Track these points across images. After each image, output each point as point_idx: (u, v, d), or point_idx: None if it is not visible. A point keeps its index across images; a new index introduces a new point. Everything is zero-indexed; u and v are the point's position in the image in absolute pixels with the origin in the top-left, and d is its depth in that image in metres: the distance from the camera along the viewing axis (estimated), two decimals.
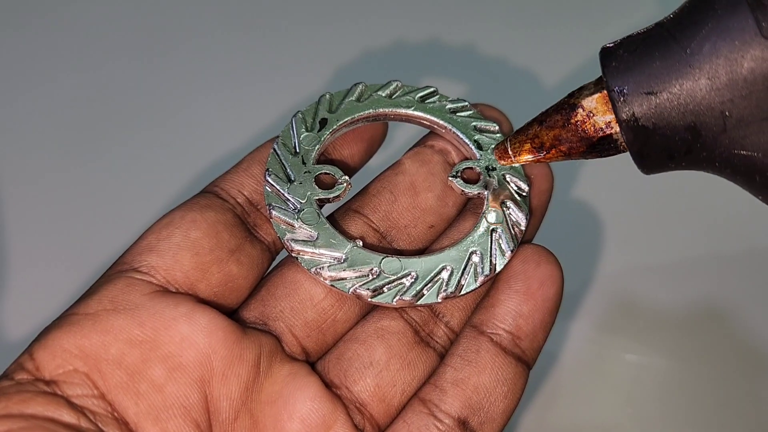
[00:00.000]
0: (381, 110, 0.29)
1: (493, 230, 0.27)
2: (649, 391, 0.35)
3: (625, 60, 0.22)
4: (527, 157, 0.25)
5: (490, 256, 0.26)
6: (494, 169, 0.28)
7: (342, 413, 0.25)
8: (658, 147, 0.22)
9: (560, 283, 0.26)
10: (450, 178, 0.28)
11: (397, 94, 0.29)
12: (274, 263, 0.27)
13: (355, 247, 0.26)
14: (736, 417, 0.35)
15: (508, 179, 0.28)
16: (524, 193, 0.28)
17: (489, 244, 0.26)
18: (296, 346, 0.26)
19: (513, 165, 0.28)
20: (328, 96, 0.29)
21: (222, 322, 0.24)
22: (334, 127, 0.28)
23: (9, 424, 0.20)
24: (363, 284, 0.25)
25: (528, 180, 0.28)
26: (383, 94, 0.29)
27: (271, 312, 0.26)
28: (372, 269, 0.26)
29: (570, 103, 0.23)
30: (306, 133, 0.28)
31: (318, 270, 0.25)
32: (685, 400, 0.35)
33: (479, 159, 0.28)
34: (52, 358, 0.22)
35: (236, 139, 0.40)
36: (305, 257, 0.26)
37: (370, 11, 0.48)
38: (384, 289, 0.25)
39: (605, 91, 0.22)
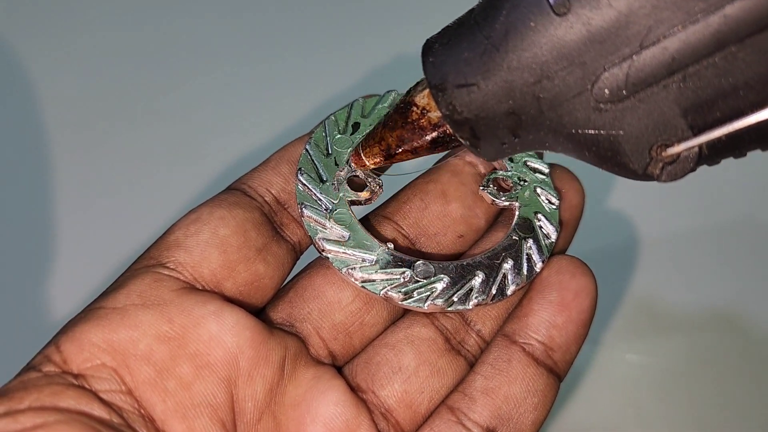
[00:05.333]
0: None
1: (524, 241, 0.27)
2: (651, 391, 0.35)
3: (439, 53, 0.21)
4: (379, 160, 0.25)
5: (522, 266, 0.26)
6: (525, 181, 0.28)
7: (366, 418, 0.24)
8: (487, 135, 0.22)
9: (594, 295, 0.26)
10: (481, 189, 0.28)
11: None
12: (299, 265, 0.27)
13: (387, 250, 0.26)
14: (739, 419, 0.35)
15: (538, 192, 0.28)
16: (555, 206, 0.28)
17: (520, 254, 0.26)
18: (323, 349, 0.25)
19: (542, 178, 0.28)
20: (360, 101, 0.29)
21: (249, 322, 0.24)
22: (367, 131, 0.28)
23: (45, 417, 0.20)
24: (394, 287, 0.25)
25: (558, 193, 0.28)
26: None
27: (298, 313, 0.26)
28: (404, 272, 0.25)
29: (406, 101, 0.24)
30: (339, 136, 0.28)
31: (349, 270, 0.25)
32: (688, 401, 0.35)
33: (510, 170, 0.28)
34: (80, 351, 0.22)
35: (261, 136, 0.40)
36: (336, 257, 0.25)
37: (403, 17, 0.47)
38: (415, 293, 0.25)
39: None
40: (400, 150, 0.24)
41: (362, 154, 0.26)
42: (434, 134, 0.23)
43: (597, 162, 0.21)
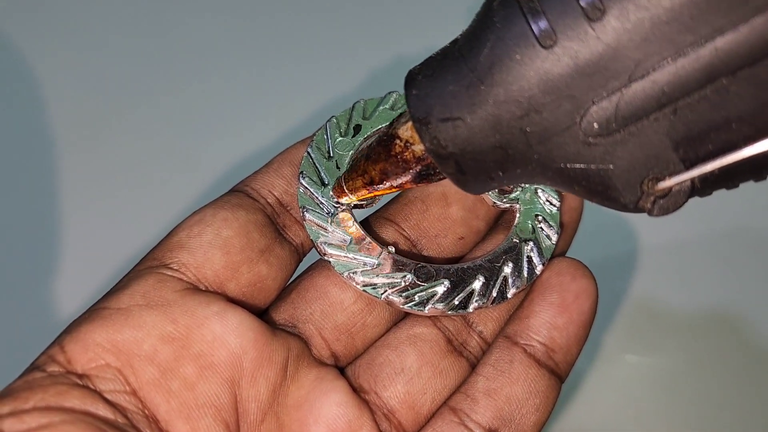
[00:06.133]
0: None
1: (524, 243, 0.27)
2: (651, 393, 0.36)
3: (423, 86, 0.21)
4: (362, 193, 0.24)
5: (522, 268, 0.26)
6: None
7: (368, 419, 0.24)
8: (473, 170, 0.21)
9: (595, 297, 0.26)
10: None
11: None
12: (302, 266, 0.27)
13: (388, 254, 0.26)
14: (739, 420, 0.35)
15: (539, 194, 0.28)
16: (555, 208, 0.28)
17: (521, 256, 0.26)
18: (325, 350, 0.25)
19: None
20: (362, 103, 0.29)
21: (253, 323, 0.24)
22: (368, 133, 0.28)
23: (50, 417, 0.20)
24: (395, 291, 0.25)
25: (559, 195, 0.28)
26: None
27: (301, 315, 0.26)
28: (405, 276, 0.25)
29: (389, 133, 0.23)
30: (340, 138, 0.28)
31: (351, 275, 0.25)
32: (688, 402, 0.35)
33: None
34: (84, 351, 0.22)
35: (263, 139, 0.40)
36: (338, 261, 0.26)
37: (404, 20, 0.48)
38: (416, 296, 0.25)
39: None
40: (384, 183, 0.24)
41: (345, 187, 0.25)
42: (418, 168, 0.23)
43: (587, 195, 0.21)
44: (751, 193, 0.22)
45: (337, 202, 0.26)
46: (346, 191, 0.25)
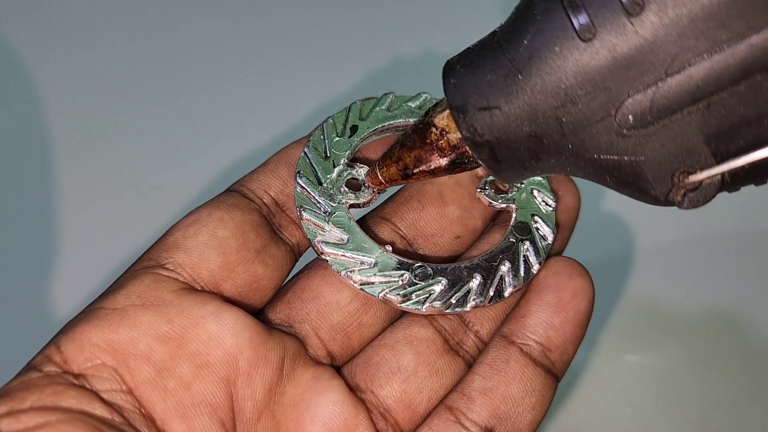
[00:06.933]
0: (412, 121, 0.29)
1: (521, 243, 0.27)
2: (648, 392, 0.36)
3: (461, 75, 0.21)
4: (396, 179, 0.25)
5: (519, 268, 0.26)
6: (522, 183, 0.28)
7: (365, 418, 0.24)
8: (507, 158, 0.22)
9: (591, 296, 0.26)
10: (478, 191, 0.28)
11: (425, 106, 0.29)
12: (298, 266, 0.27)
13: (385, 253, 0.26)
14: (737, 420, 0.35)
15: (535, 194, 0.28)
16: (551, 208, 0.28)
17: (517, 256, 0.27)
18: (321, 349, 0.26)
19: (538, 180, 0.28)
20: (358, 103, 0.29)
21: (248, 323, 0.24)
22: (365, 134, 0.28)
23: (47, 416, 0.20)
24: (392, 289, 0.25)
25: (555, 195, 0.28)
26: (413, 105, 0.29)
27: (297, 314, 0.26)
28: (402, 275, 0.25)
29: (425, 122, 0.23)
30: (337, 139, 0.28)
31: (348, 273, 0.25)
32: (685, 401, 0.35)
33: None
34: (80, 351, 0.22)
35: (259, 138, 0.40)
36: (335, 260, 0.26)
37: (401, 21, 0.48)
38: (413, 295, 0.25)
39: None
40: (417, 170, 0.24)
41: (378, 174, 0.26)
42: (453, 156, 0.23)
43: (618, 187, 0.21)
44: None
45: (371, 188, 0.27)
46: (380, 178, 0.26)
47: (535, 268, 0.26)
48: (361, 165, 0.28)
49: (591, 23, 0.19)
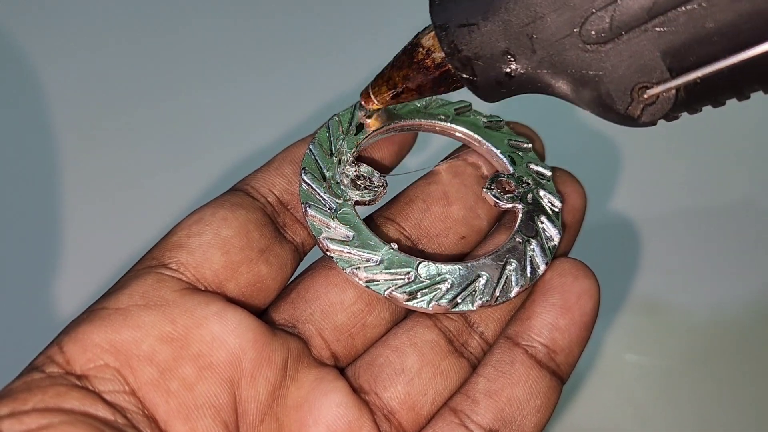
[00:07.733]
0: (417, 121, 0.29)
1: (527, 243, 0.27)
2: (652, 392, 0.35)
3: None
4: (386, 97, 0.26)
5: (525, 268, 0.26)
6: (528, 183, 0.28)
7: (368, 420, 0.24)
8: (483, 74, 0.23)
9: (597, 297, 0.26)
10: (484, 191, 0.28)
11: (431, 105, 0.29)
12: (302, 266, 0.27)
13: (391, 250, 0.26)
14: (739, 419, 0.35)
15: (541, 194, 0.28)
16: (557, 209, 0.28)
17: (523, 256, 0.26)
18: (325, 350, 0.25)
19: (545, 180, 0.28)
20: None
21: (252, 323, 0.24)
22: (370, 132, 0.28)
23: (49, 418, 0.20)
24: (398, 287, 0.25)
25: (561, 196, 0.28)
26: (419, 105, 0.29)
27: (301, 315, 0.25)
28: (408, 273, 0.25)
29: (413, 42, 0.25)
30: (342, 136, 0.28)
31: (353, 270, 0.25)
32: (688, 401, 0.35)
33: (513, 173, 0.28)
34: (83, 352, 0.22)
35: (264, 137, 0.40)
36: (341, 257, 0.25)
37: (405, 19, 0.47)
38: (419, 293, 0.25)
39: None
40: (405, 89, 0.25)
41: (371, 93, 0.26)
42: (437, 73, 0.24)
43: (587, 105, 0.22)
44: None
45: (365, 115, 0.28)
46: (372, 97, 0.26)
47: (542, 268, 0.26)
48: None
49: None
